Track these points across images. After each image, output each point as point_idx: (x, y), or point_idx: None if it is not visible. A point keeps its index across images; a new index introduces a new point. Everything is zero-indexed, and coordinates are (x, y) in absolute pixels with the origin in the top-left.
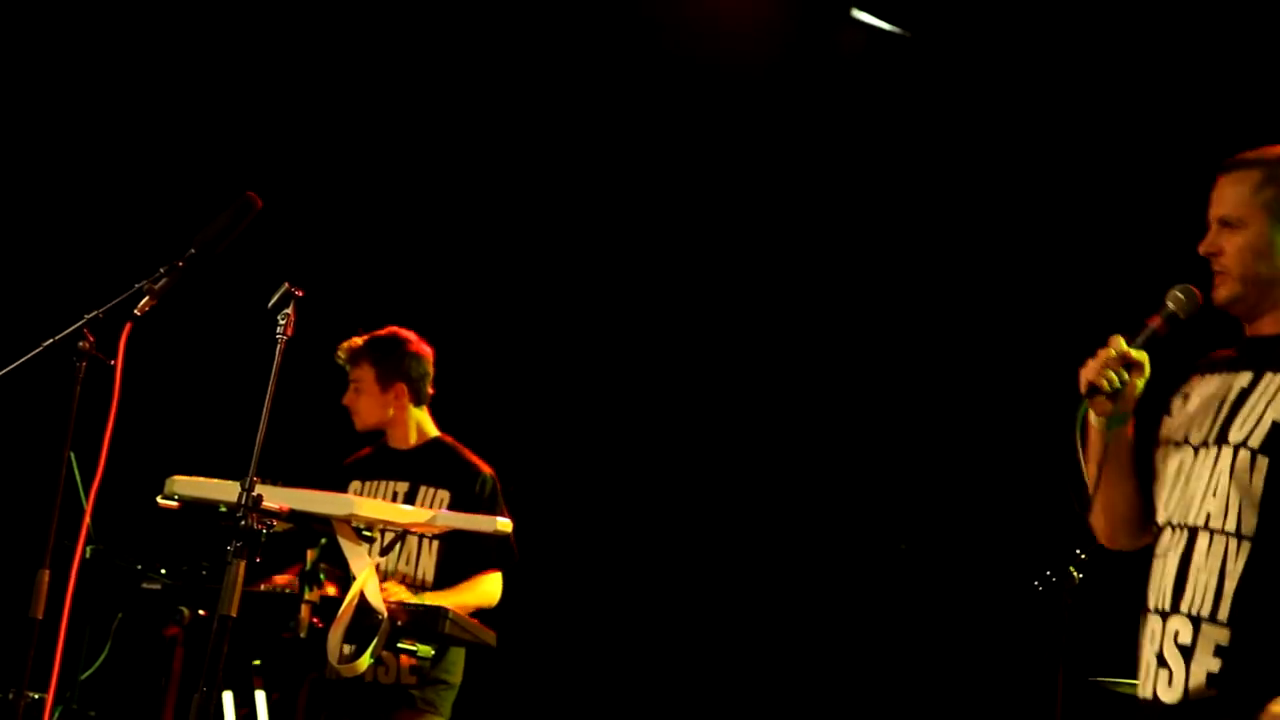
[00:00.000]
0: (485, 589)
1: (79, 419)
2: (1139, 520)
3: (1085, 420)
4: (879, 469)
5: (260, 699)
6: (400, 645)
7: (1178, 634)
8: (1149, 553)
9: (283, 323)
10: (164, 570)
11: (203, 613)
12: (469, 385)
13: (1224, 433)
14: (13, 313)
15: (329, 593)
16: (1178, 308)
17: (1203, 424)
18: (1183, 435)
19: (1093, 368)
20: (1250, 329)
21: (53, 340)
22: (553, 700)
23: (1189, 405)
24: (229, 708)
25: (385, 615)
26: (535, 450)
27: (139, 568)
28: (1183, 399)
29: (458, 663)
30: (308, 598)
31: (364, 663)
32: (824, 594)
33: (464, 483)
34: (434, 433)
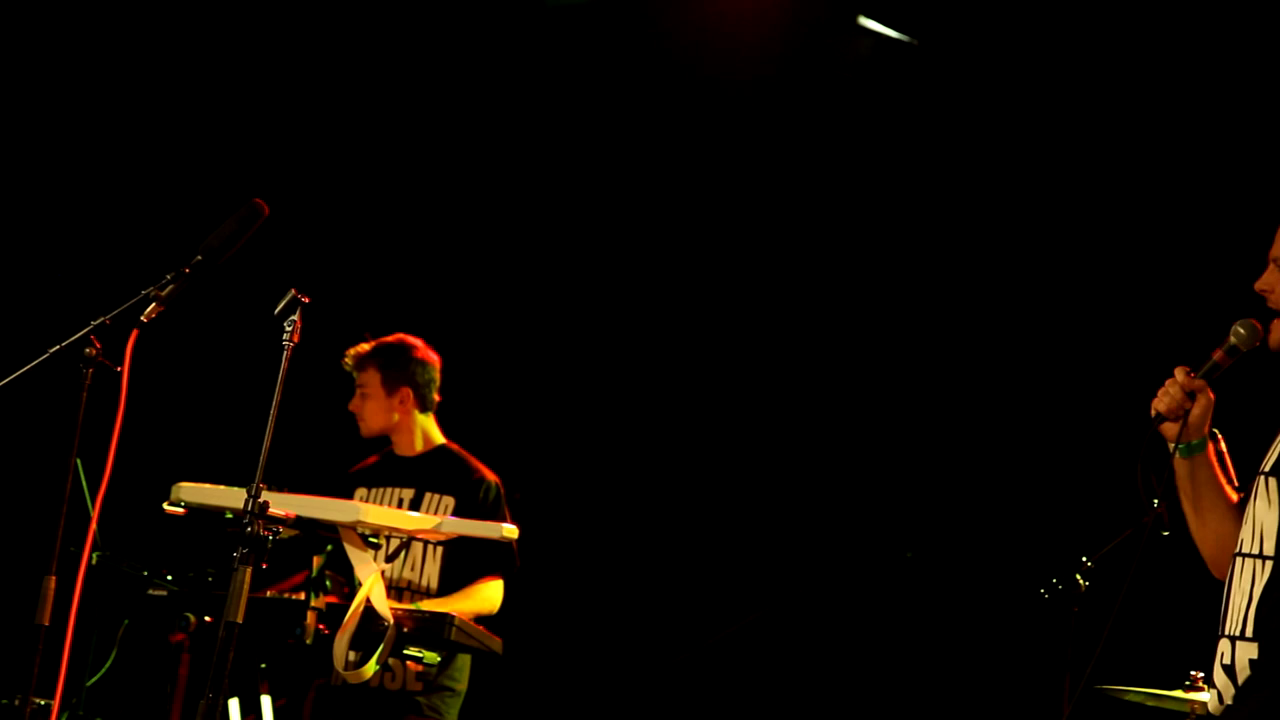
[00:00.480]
0: (486, 595)
1: (85, 426)
2: (1232, 551)
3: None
4: (886, 476)
5: (266, 705)
6: (406, 652)
7: (1223, 655)
8: (1160, 563)
9: (289, 329)
10: (170, 577)
11: (209, 619)
12: (475, 393)
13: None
14: (19, 319)
15: (335, 599)
16: (1239, 341)
17: (1273, 455)
18: (1270, 466)
19: (1158, 396)
20: None
21: (59, 347)
22: (559, 707)
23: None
24: (235, 714)
25: (391, 622)
26: (541, 458)
27: (145, 574)
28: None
29: (464, 669)
30: (314, 604)
31: (370, 669)
32: (830, 601)
33: (469, 490)
34: (440, 440)
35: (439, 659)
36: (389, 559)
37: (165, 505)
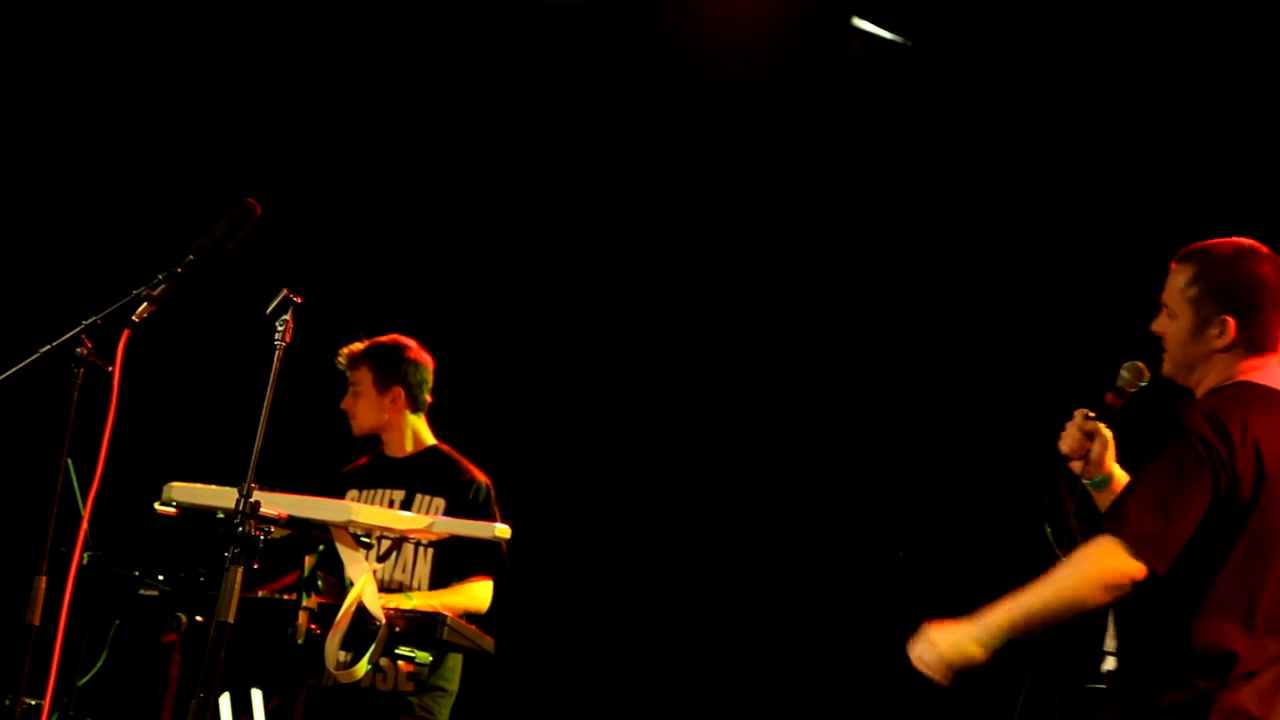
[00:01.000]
0: (474, 593)
1: (77, 425)
2: None
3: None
4: (876, 476)
5: (258, 705)
6: (398, 652)
7: (1103, 664)
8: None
9: (281, 329)
10: (161, 576)
11: (200, 619)
12: (467, 394)
13: None
14: (11, 319)
15: (327, 599)
16: (1124, 383)
17: None
18: None
19: (1061, 438)
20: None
21: (50, 346)
22: (551, 707)
23: None
24: (226, 714)
25: (383, 622)
26: (532, 458)
27: (136, 574)
28: None
29: (455, 669)
30: (306, 604)
31: (361, 669)
32: (821, 600)
33: (459, 491)
34: (430, 441)
35: (430, 658)
36: (380, 559)
37: (157, 505)
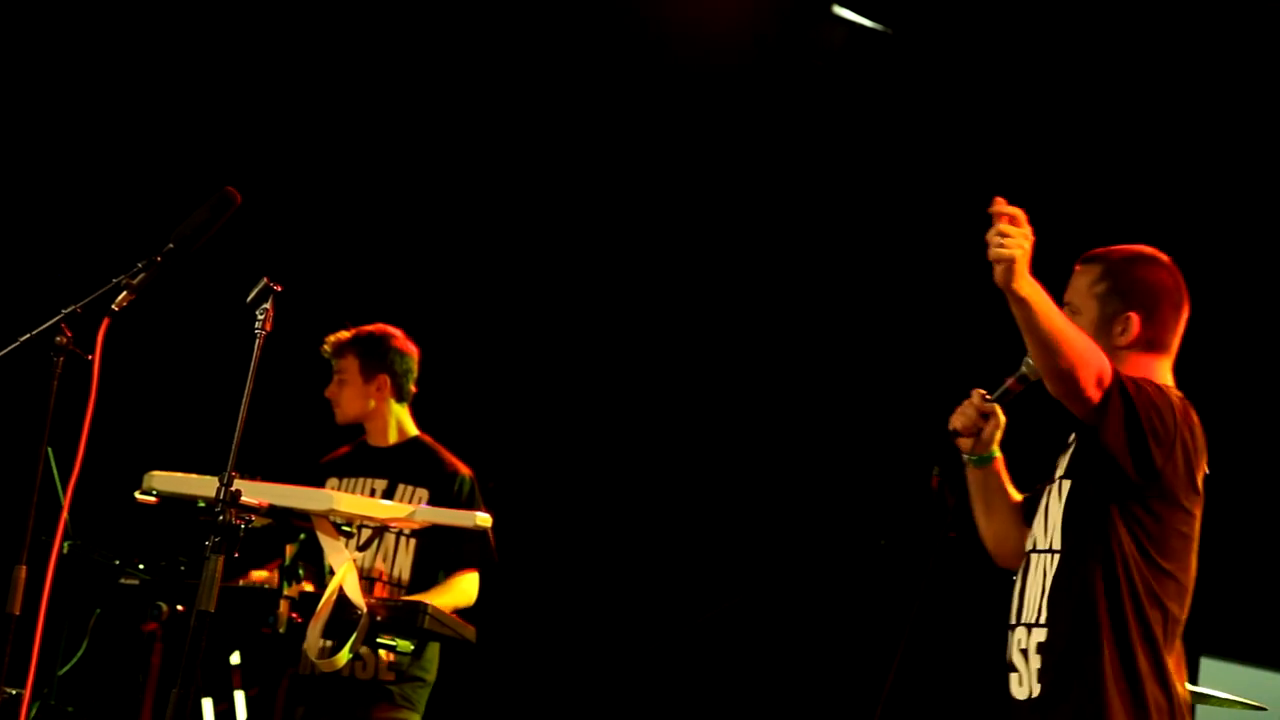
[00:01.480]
0: (463, 588)
1: (56, 414)
2: (1012, 546)
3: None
4: (859, 465)
5: (239, 694)
6: (380, 640)
7: (1020, 640)
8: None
9: (261, 318)
10: (142, 566)
11: (181, 608)
12: (450, 385)
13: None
14: None
15: (308, 588)
16: (1029, 371)
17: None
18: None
19: (955, 414)
20: None
21: (30, 335)
22: (529, 697)
23: None
24: (207, 704)
25: (364, 610)
26: (514, 448)
27: (117, 563)
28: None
29: (433, 660)
30: (287, 593)
31: (343, 658)
32: (803, 589)
33: (442, 483)
34: (414, 431)
35: (412, 647)
36: (361, 548)
37: (137, 494)
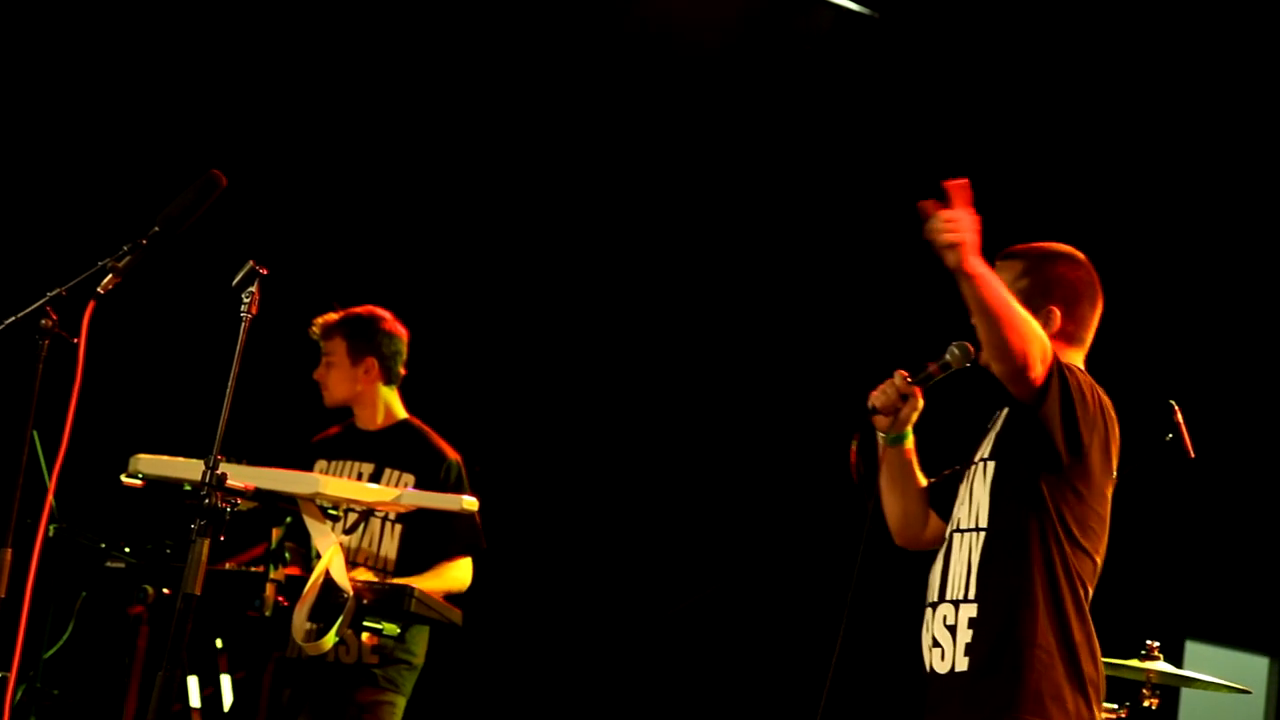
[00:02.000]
0: (456, 574)
1: (42, 397)
2: (916, 528)
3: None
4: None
5: (225, 678)
6: (366, 624)
7: (946, 617)
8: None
9: (247, 300)
10: (128, 549)
11: (167, 591)
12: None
13: (975, 458)
14: None
15: (294, 571)
16: (952, 359)
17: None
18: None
19: (876, 392)
20: None
21: (15, 318)
22: (516, 680)
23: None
24: (193, 687)
25: (350, 594)
26: (501, 432)
27: (103, 546)
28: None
29: (420, 643)
30: (273, 576)
31: (329, 641)
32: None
33: (429, 467)
34: (402, 414)
35: (399, 630)
36: (347, 531)
37: (123, 477)
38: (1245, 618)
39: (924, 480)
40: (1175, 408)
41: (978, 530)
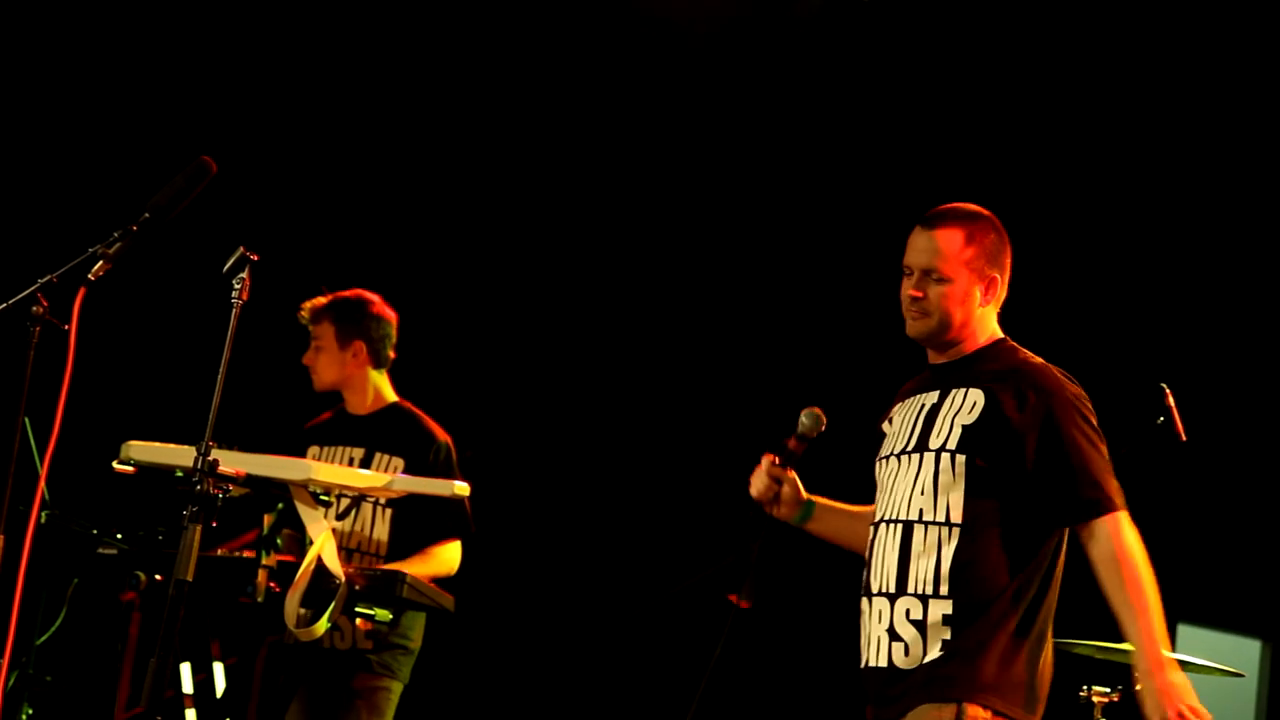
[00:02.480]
0: (445, 557)
1: (33, 384)
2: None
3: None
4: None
5: (217, 664)
6: (358, 610)
7: (909, 611)
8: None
9: (238, 287)
10: (120, 535)
11: (159, 578)
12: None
13: (924, 441)
14: None
15: (286, 557)
16: (806, 430)
17: (902, 437)
18: (889, 450)
19: (752, 483)
20: (936, 359)
21: (5, 305)
22: (513, 664)
23: (893, 426)
24: (186, 673)
25: (343, 580)
26: (493, 415)
27: (95, 533)
28: (888, 423)
29: (417, 628)
30: (265, 562)
31: (321, 627)
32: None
33: (419, 450)
34: (392, 398)
35: (390, 616)
36: (339, 517)
37: (115, 464)
38: (1237, 601)
39: (858, 508)
40: (1167, 391)
41: (948, 525)
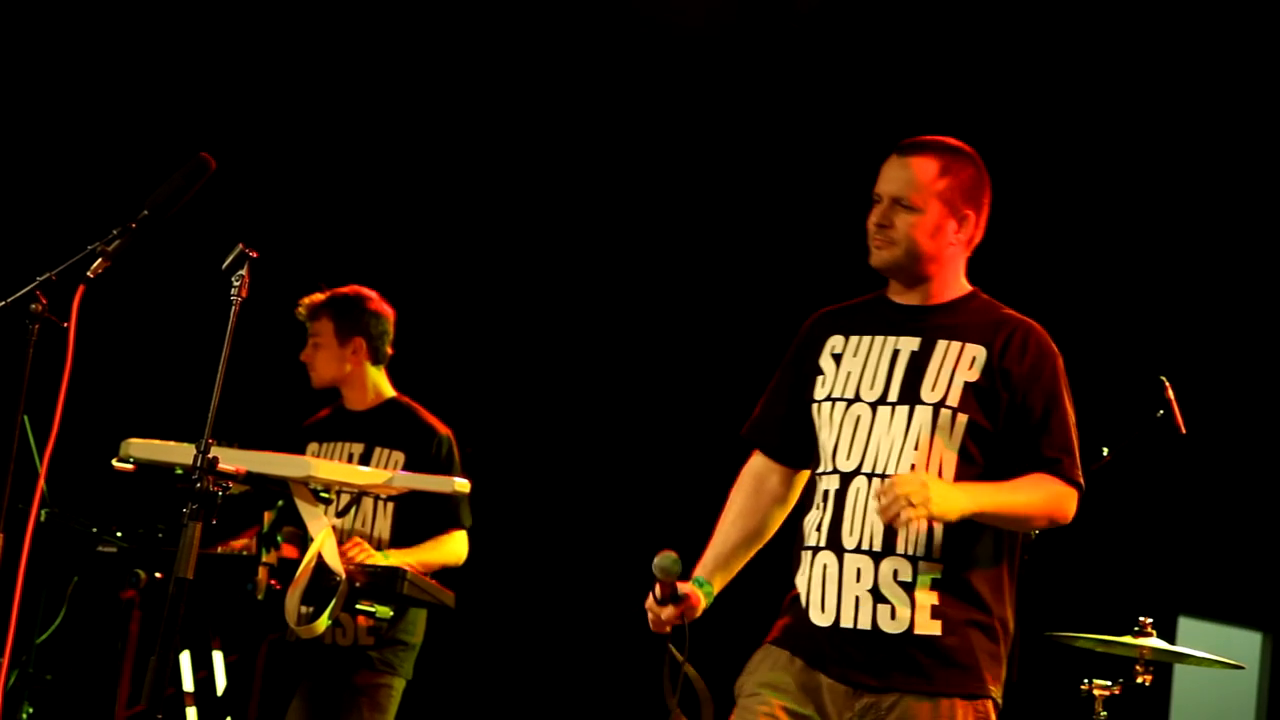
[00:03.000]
0: (451, 548)
1: (32, 382)
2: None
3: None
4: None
5: (218, 661)
6: (359, 607)
7: (897, 572)
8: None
9: (237, 284)
10: (120, 533)
11: (159, 575)
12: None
13: (914, 392)
14: None
15: (286, 555)
16: (664, 575)
17: (875, 382)
18: (853, 392)
19: (653, 627)
20: (901, 297)
21: (4, 303)
22: (515, 660)
23: (845, 365)
24: (186, 670)
25: (343, 576)
26: (494, 411)
27: (94, 531)
28: (832, 359)
29: (418, 623)
30: (265, 560)
31: (322, 624)
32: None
33: (419, 444)
34: (390, 393)
35: (390, 613)
36: (340, 514)
37: (114, 461)
38: (1238, 593)
39: (733, 529)
40: (1166, 384)
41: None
